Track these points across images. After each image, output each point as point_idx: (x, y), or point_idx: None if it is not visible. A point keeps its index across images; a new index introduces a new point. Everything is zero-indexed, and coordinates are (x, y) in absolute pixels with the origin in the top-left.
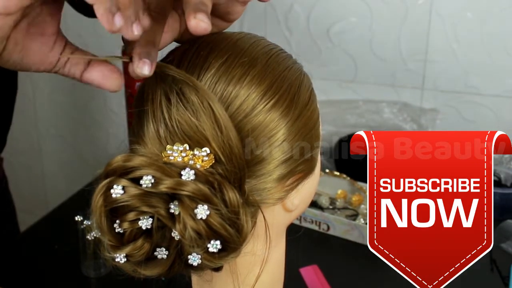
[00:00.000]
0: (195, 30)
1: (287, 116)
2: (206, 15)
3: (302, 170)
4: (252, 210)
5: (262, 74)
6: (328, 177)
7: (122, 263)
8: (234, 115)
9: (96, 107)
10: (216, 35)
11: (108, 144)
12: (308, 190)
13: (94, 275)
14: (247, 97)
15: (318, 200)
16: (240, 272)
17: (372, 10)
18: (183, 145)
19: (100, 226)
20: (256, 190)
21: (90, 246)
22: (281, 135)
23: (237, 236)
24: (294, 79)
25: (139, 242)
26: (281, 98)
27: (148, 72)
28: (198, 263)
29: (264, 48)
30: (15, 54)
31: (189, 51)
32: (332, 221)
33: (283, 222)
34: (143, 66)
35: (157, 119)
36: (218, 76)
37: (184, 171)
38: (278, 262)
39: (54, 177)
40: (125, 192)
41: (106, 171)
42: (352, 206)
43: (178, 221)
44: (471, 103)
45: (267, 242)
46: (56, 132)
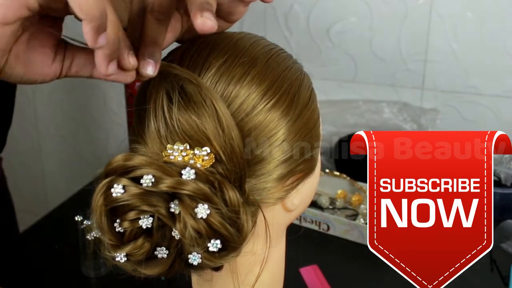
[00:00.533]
0: (201, 28)
1: (287, 116)
2: (212, 14)
3: (302, 170)
4: (252, 210)
5: (262, 74)
6: (328, 177)
7: (122, 263)
8: (234, 114)
9: (96, 107)
10: (217, 35)
11: (108, 144)
12: (308, 190)
13: (94, 275)
14: (248, 96)
15: (318, 200)
16: (240, 271)
17: (372, 10)
18: (184, 144)
19: (100, 225)
20: (256, 189)
21: (90, 246)
22: (281, 135)
23: (237, 236)
24: (294, 79)
25: (140, 241)
26: (281, 98)
27: (152, 72)
28: (198, 263)
29: (264, 48)
30: (18, 68)
31: (189, 51)
32: (332, 221)
33: (283, 222)
34: (148, 66)
35: (157, 118)
36: (219, 76)
37: (184, 170)
38: (278, 262)
39: (54, 177)
40: (125, 191)
41: (106, 170)
42: (352, 206)
43: (178, 220)
44: (471, 103)
45: (267, 241)
46: (56, 132)
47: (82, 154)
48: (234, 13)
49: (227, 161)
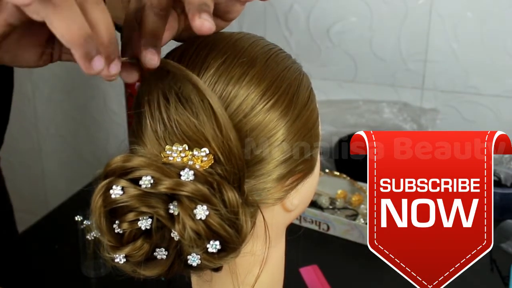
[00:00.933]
0: (200, 30)
1: (286, 116)
2: (210, 15)
3: (301, 170)
4: (251, 210)
5: (261, 74)
6: (328, 177)
7: (121, 264)
8: (233, 115)
9: (96, 107)
10: (215, 35)
11: (108, 144)
12: (307, 190)
13: (94, 275)
14: (246, 97)
15: (318, 200)
16: (239, 272)
17: (372, 10)
18: (182, 145)
19: (99, 226)
20: (255, 190)
21: (90, 246)
22: (281, 135)
23: (237, 237)
24: (293, 79)
25: (139, 242)
26: (280, 98)
27: (155, 62)
28: (197, 264)
29: (263, 48)
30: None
31: (188, 51)
32: (332, 221)
33: (283, 222)
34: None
35: (155, 120)
36: (218, 76)
37: (183, 171)
38: (278, 262)
39: (54, 177)
40: (124, 193)
41: (105, 171)
42: (352, 206)
43: (177, 221)
44: (471, 103)
45: (266, 242)
46: (56, 132)
47: (82, 154)
48: (231, 12)
49: (225, 162)
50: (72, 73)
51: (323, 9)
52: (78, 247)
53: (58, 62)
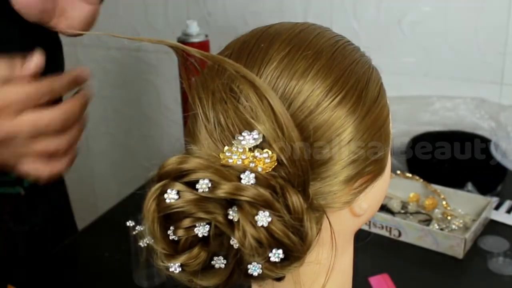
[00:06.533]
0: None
1: (355, 113)
2: None
3: (371, 171)
4: (316, 216)
5: (327, 68)
6: (400, 179)
7: (177, 273)
8: (297, 112)
9: (148, 103)
10: (278, 26)
11: (162, 143)
12: (377, 193)
13: (147, 285)
14: (311, 92)
15: (389, 204)
16: (304, 282)
17: (446, 0)
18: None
19: (153, 233)
20: (321, 193)
21: (142, 253)
22: (348, 133)
23: (301, 244)
24: (362, 73)
25: (195, 250)
26: (348, 93)
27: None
28: (258, 273)
29: (330, 40)
30: None
31: (248, 44)
32: (404, 226)
33: (351, 228)
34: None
35: (210, 119)
36: (280, 70)
37: (243, 174)
38: (345, 271)
39: (104, 179)
40: (180, 197)
41: (159, 173)
42: (425, 211)
43: (237, 228)
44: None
45: (333, 249)
46: (106, 130)
47: (133, 154)
48: None
49: (288, 164)
50: (123, 67)
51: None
52: (129, 254)
53: (107, 55)
